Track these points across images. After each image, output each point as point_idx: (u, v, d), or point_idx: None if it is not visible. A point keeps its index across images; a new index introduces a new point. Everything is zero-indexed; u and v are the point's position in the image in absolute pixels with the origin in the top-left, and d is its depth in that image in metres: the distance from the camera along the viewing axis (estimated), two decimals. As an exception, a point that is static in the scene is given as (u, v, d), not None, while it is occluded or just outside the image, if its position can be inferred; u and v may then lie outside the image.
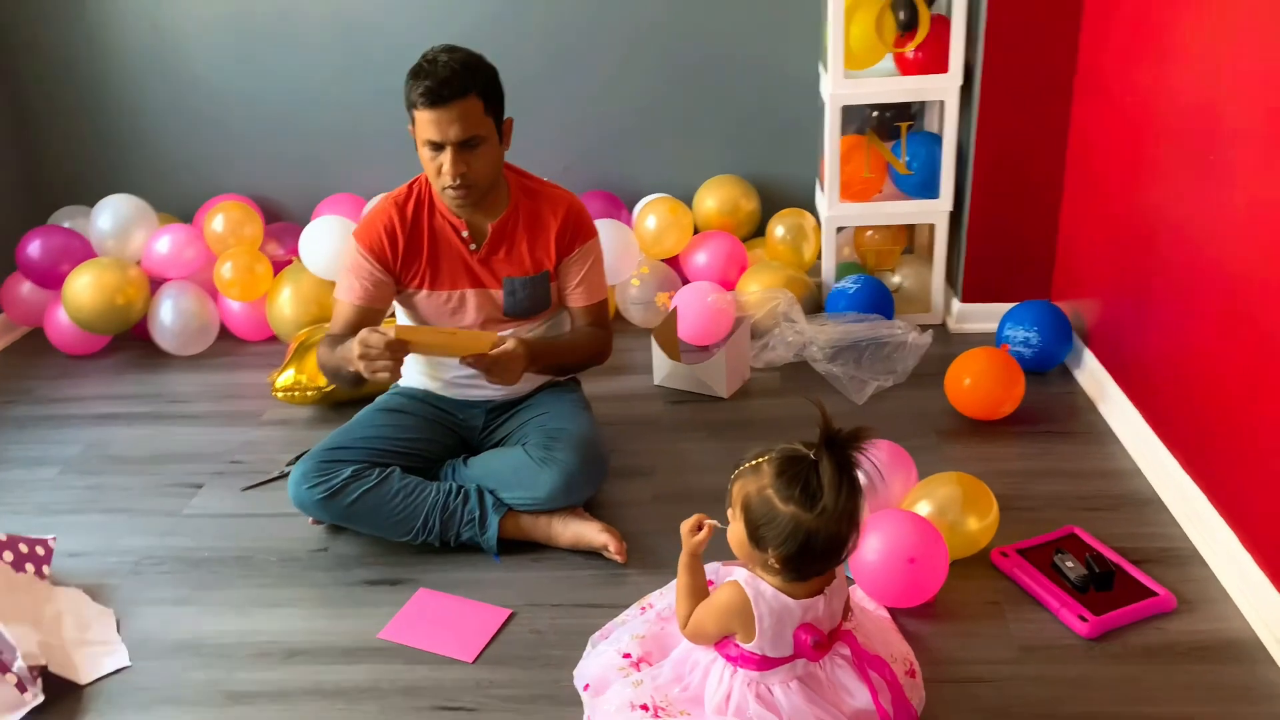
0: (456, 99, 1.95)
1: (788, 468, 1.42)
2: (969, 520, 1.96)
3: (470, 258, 2.14)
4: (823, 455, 1.39)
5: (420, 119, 1.98)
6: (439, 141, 1.99)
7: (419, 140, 2.02)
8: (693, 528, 1.59)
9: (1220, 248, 1.98)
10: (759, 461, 1.45)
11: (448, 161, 2.00)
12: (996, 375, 2.45)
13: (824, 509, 1.39)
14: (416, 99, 1.96)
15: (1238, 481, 1.92)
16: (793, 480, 1.41)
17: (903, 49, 2.82)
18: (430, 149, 2.01)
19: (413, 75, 1.97)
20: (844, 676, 1.53)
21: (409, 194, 2.16)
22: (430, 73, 1.95)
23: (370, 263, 2.13)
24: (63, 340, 3.17)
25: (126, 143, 3.43)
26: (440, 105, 1.95)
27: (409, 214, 2.14)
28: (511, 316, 2.21)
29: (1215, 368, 2.00)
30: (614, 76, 3.26)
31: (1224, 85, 1.94)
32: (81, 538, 2.27)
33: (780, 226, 3.16)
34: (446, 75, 1.95)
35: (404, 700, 1.77)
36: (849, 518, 1.42)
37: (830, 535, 1.41)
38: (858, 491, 1.42)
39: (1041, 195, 2.81)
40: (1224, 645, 1.77)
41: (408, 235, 2.14)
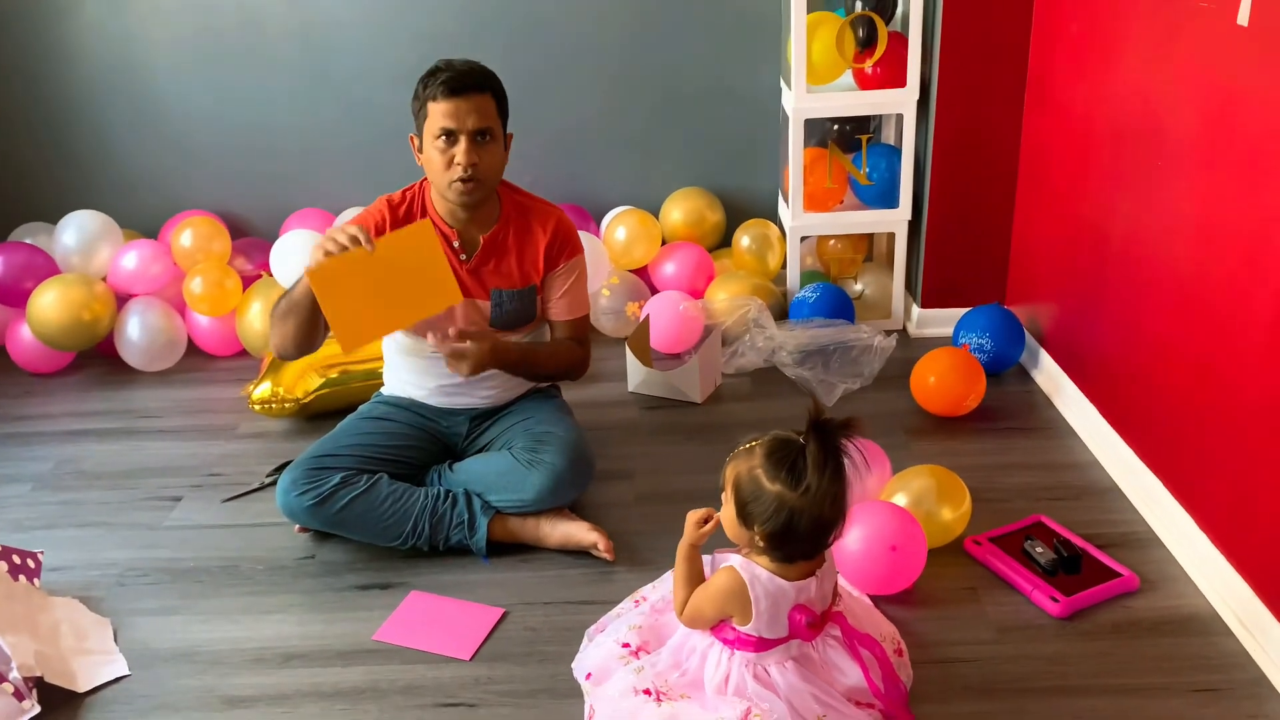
0: (475, 92, 2.04)
1: (777, 449, 1.50)
2: (944, 510, 2.05)
3: (460, 267, 2.17)
4: (810, 439, 1.47)
5: (436, 110, 2.03)
6: (455, 129, 2.03)
7: (429, 134, 2.05)
8: (700, 519, 1.64)
9: (1166, 248, 2.10)
10: (752, 445, 1.53)
11: (461, 151, 2.04)
12: (959, 372, 2.56)
13: (808, 489, 1.46)
14: (435, 91, 2.02)
15: (1191, 467, 2.03)
16: (780, 461, 1.48)
17: (862, 65, 2.93)
18: (444, 140, 2.04)
19: (430, 74, 2.05)
20: (836, 656, 1.60)
21: (403, 199, 2.19)
22: (450, 66, 2.05)
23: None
24: (25, 358, 3.13)
25: (90, 159, 3.41)
26: (460, 95, 2.02)
27: (401, 216, 2.16)
28: (497, 327, 2.24)
29: (1165, 361, 2.12)
30: (581, 91, 3.32)
31: (1165, 95, 2.07)
32: (62, 553, 2.25)
33: (746, 237, 3.25)
34: (466, 70, 2.05)
35: (404, 699, 1.79)
36: (833, 500, 1.49)
37: (814, 517, 1.48)
38: (843, 476, 1.49)
39: (996, 203, 2.93)
40: (1185, 620, 1.88)
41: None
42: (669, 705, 1.56)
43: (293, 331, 2.06)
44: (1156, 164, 2.12)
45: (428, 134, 2.06)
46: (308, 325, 2.06)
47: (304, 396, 2.69)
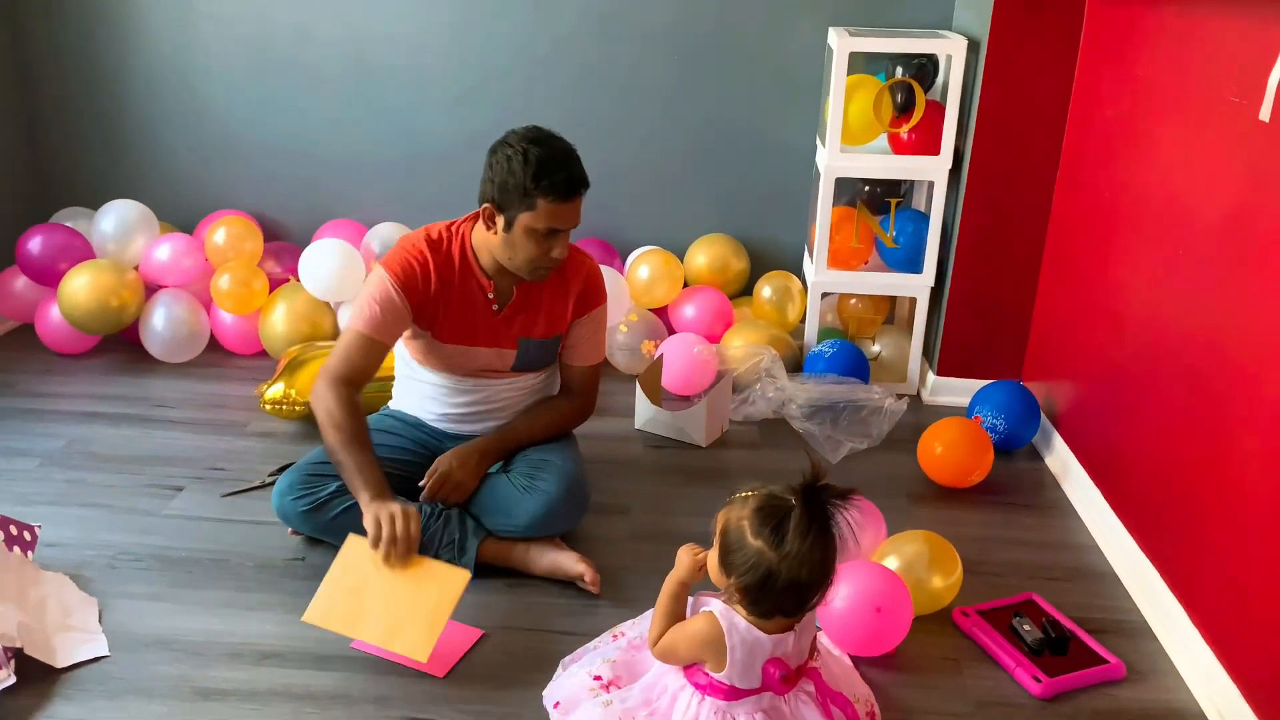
0: (584, 190, 2.05)
1: (766, 506, 1.50)
2: (934, 578, 2.03)
3: (493, 318, 2.18)
4: (799, 502, 1.47)
5: (548, 210, 2.00)
6: (561, 229, 2.04)
7: (527, 225, 2.01)
8: (696, 563, 1.62)
9: (1179, 339, 2.10)
10: (747, 495, 1.53)
11: (561, 246, 2.06)
12: (968, 444, 2.55)
13: (788, 553, 1.45)
14: (552, 193, 1.98)
15: (1189, 561, 2.01)
16: (767, 519, 1.48)
17: (898, 129, 2.96)
18: (544, 235, 2.03)
19: (542, 168, 1.98)
20: (807, 712, 1.59)
21: (441, 242, 2.16)
22: (564, 167, 2.00)
23: (396, 292, 2.10)
24: (52, 338, 3.19)
25: (136, 150, 3.50)
26: (572, 199, 2.02)
27: (441, 259, 2.14)
28: (518, 371, 2.27)
29: (1172, 452, 2.10)
30: (620, 129, 3.38)
31: (1191, 187, 2.07)
32: (59, 529, 2.28)
33: (768, 287, 3.27)
34: (579, 171, 2.03)
35: (374, 709, 1.79)
36: (813, 567, 1.47)
37: (791, 579, 1.47)
38: (828, 544, 1.48)
39: (1019, 279, 2.93)
40: (1169, 714, 1.85)
41: (438, 278, 2.13)
42: (633, 743, 1.55)
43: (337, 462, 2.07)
44: (1178, 254, 2.12)
45: (524, 223, 2.02)
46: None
47: (315, 401, 2.72)
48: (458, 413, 2.28)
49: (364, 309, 2.12)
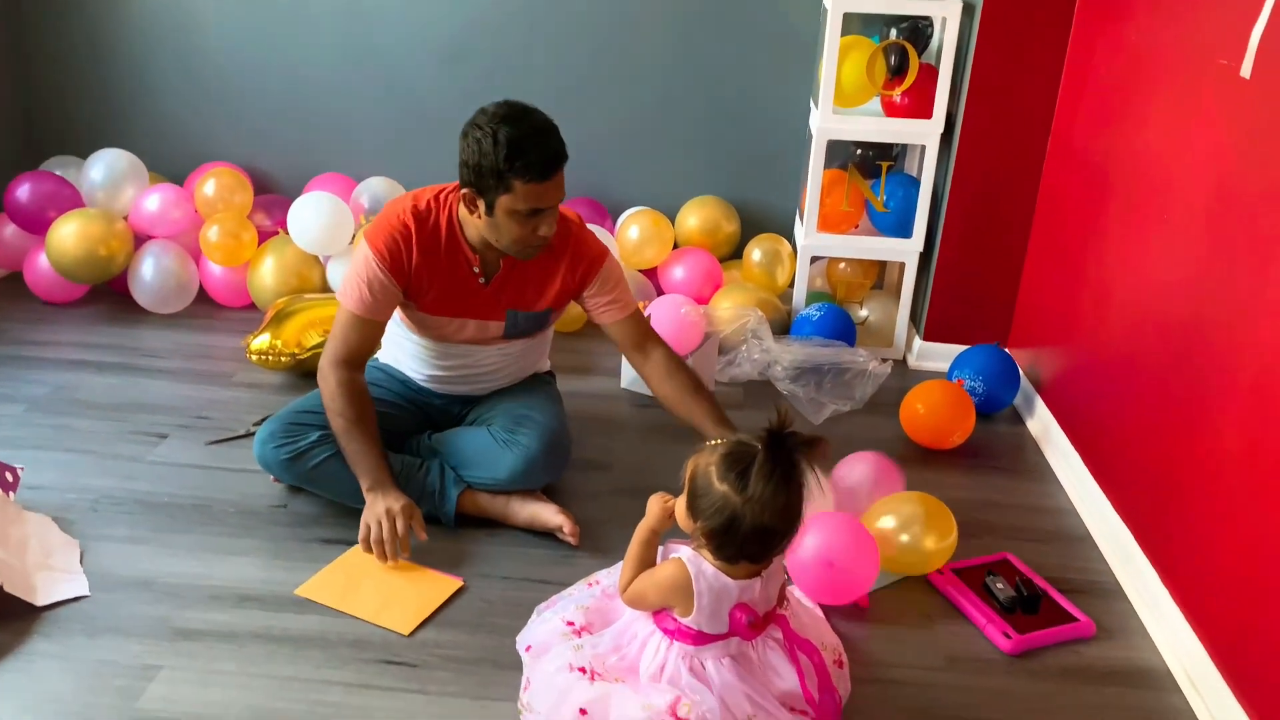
0: (561, 166, 1.96)
1: (733, 452, 1.52)
2: (928, 540, 2.04)
3: (479, 290, 2.14)
4: (764, 448, 1.48)
5: (526, 192, 1.92)
6: (544, 208, 1.97)
7: (508, 208, 1.95)
8: (666, 510, 1.65)
9: (1160, 306, 2.10)
10: (717, 442, 1.54)
11: (547, 224, 1.99)
12: (950, 406, 2.56)
13: (751, 496, 1.47)
14: (526, 174, 1.91)
15: (1162, 524, 2.03)
16: (733, 464, 1.50)
17: (890, 92, 2.94)
18: (526, 216, 1.97)
19: (514, 149, 1.89)
20: (775, 659, 1.61)
21: (427, 212, 2.09)
22: (538, 146, 1.92)
23: (383, 272, 2.06)
24: (41, 286, 3.19)
25: (127, 100, 3.48)
26: (550, 178, 1.94)
27: (427, 233, 2.08)
28: (508, 339, 2.25)
29: (1150, 418, 2.11)
30: (614, 90, 3.36)
31: (1178, 152, 2.07)
32: (42, 473, 2.29)
33: (757, 250, 3.26)
34: (557, 148, 1.94)
35: (350, 652, 1.82)
36: (776, 512, 1.49)
37: (755, 524, 1.49)
38: (792, 490, 1.50)
39: (1008, 245, 2.93)
40: (1136, 672, 1.87)
41: (423, 253, 2.08)
42: (601, 685, 1.57)
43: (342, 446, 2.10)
44: (1163, 222, 2.12)
45: (505, 207, 1.95)
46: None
47: (301, 352, 2.73)
48: (444, 375, 2.28)
49: (353, 290, 2.09)
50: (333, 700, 1.70)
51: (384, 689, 1.73)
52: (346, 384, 2.10)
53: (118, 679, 1.72)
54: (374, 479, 2.03)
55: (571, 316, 3.14)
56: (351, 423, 2.07)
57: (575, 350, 3.07)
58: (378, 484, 2.03)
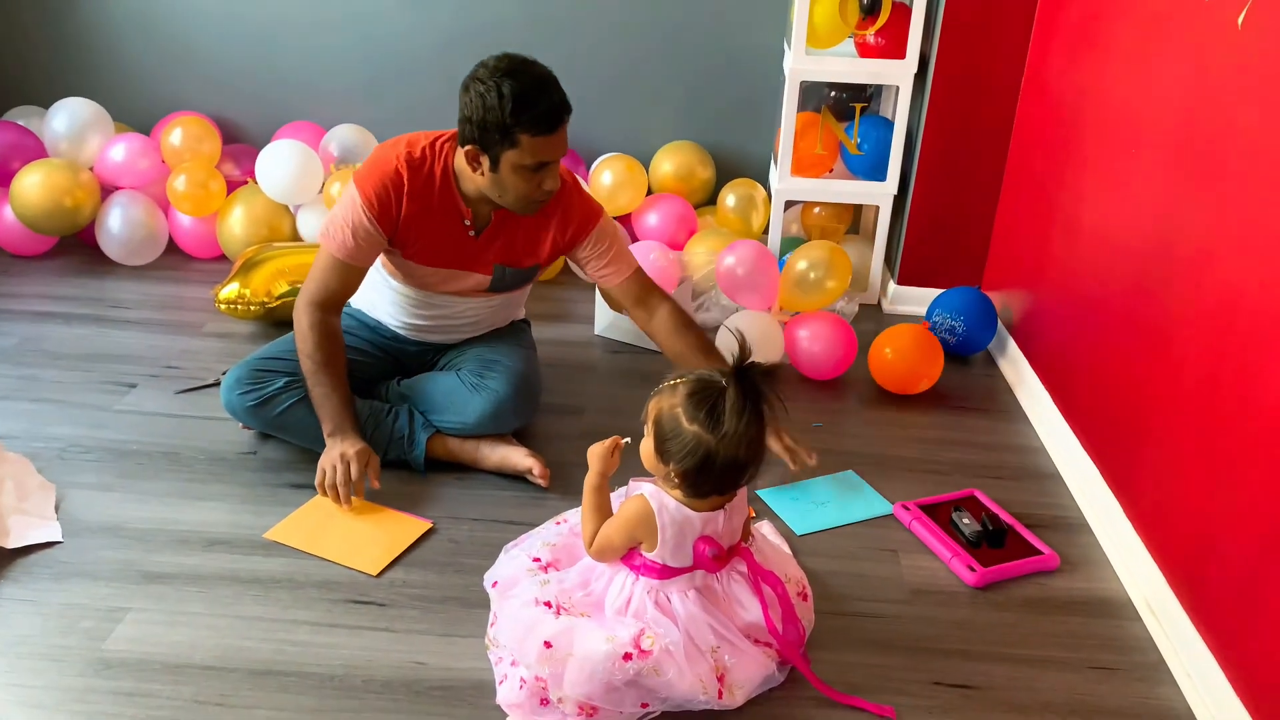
0: (567, 119, 1.93)
1: (698, 391, 1.51)
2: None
3: (469, 242, 2.12)
4: (731, 383, 1.48)
5: (533, 145, 1.89)
6: (550, 161, 1.95)
7: (514, 162, 1.91)
8: (606, 451, 1.66)
9: (1126, 242, 2.10)
10: (676, 383, 1.54)
11: (551, 178, 1.97)
12: (918, 351, 2.56)
13: (725, 433, 1.47)
14: (534, 127, 1.88)
15: (1126, 457, 2.04)
16: (700, 403, 1.50)
17: (863, 32, 2.91)
18: (532, 170, 1.94)
19: (520, 102, 1.86)
20: (739, 591, 1.62)
21: (421, 161, 2.04)
22: (543, 98, 1.89)
23: (369, 220, 2.03)
24: (7, 238, 3.15)
25: (90, 48, 3.41)
26: (556, 130, 1.91)
27: (420, 183, 2.03)
28: (494, 292, 2.23)
29: (1115, 354, 2.12)
30: (586, 35, 3.31)
31: (1148, 89, 2.05)
32: (9, 422, 2.28)
33: (731, 196, 3.24)
34: (560, 100, 1.91)
35: (317, 592, 1.82)
36: (749, 444, 1.50)
37: (729, 458, 1.50)
38: (760, 421, 1.51)
39: (982, 187, 2.92)
40: (1098, 602, 1.90)
41: (414, 203, 2.04)
42: (566, 619, 1.58)
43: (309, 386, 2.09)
44: (1131, 155, 2.11)
45: (511, 161, 1.92)
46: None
47: (270, 300, 2.71)
48: (423, 324, 2.27)
49: (337, 233, 2.05)
50: (300, 639, 1.71)
51: (351, 628, 1.74)
52: (319, 325, 2.08)
53: (85, 621, 1.73)
54: (335, 424, 2.03)
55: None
56: (320, 365, 2.06)
57: (550, 298, 3.07)
58: (338, 429, 2.03)
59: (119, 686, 1.60)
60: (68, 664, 1.64)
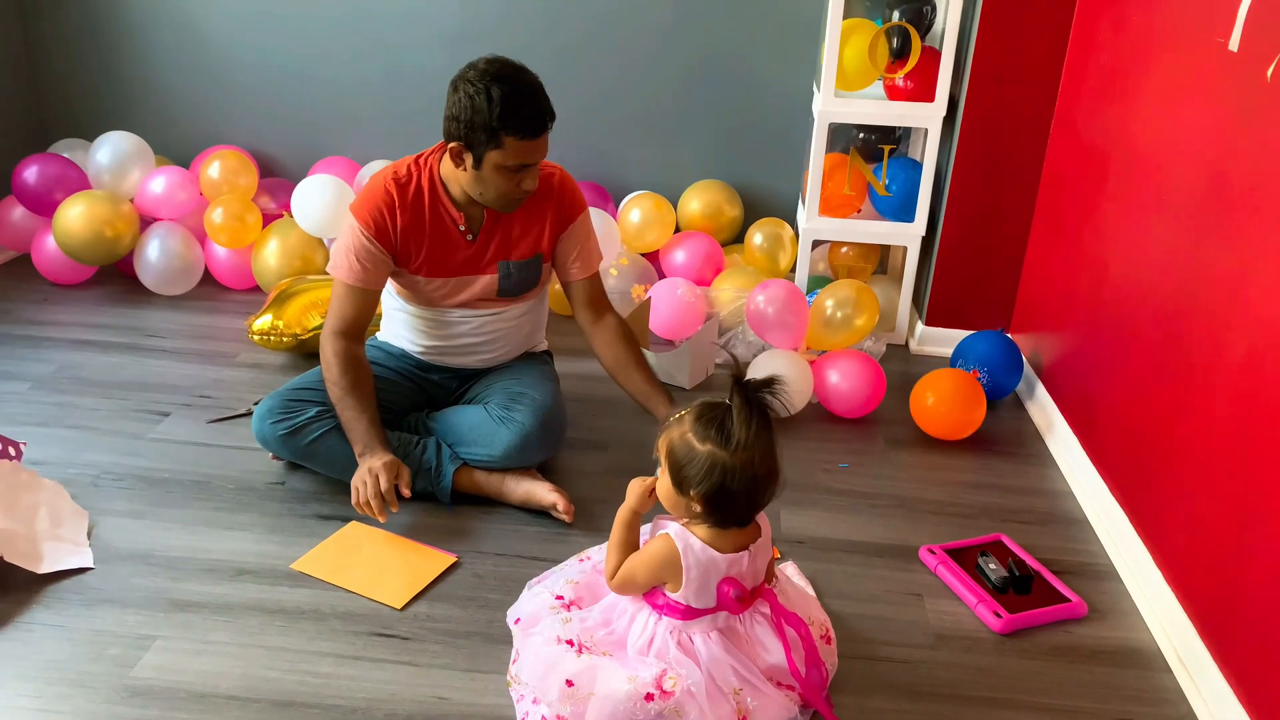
0: (550, 126, 2.02)
1: (705, 413, 1.53)
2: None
3: (467, 247, 2.18)
4: (734, 396, 1.49)
5: (516, 147, 1.98)
6: (531, 164, 2.03)
7: (496, 163, 2.00)
8: (645, 490, 1.66)
9: (1154, 287, 2.09)
10: (682, 414, 1.55)
11: (531, 178, 2.06)
12: (962, 398, 2.53)
13: (737, 445, 1.49)
14: (517, 130, 1.96)
15: (1155, 504, 2.02)
16: (709, 422, 1.51)
17: (893, 75, 2.93)
18: (513, 171, 2.02)
19: (508, 107, 1.94)
20: (762, 633, 1.61)
21: (410, 177, 2.13)
22: (529, 103, 1.97)
23: (370, 241, 2.11)
24: (49, 268, 3.22)
25: (134, 84, 3.50)
26: (540, 135, 2.00)
27: (410, 197, 2.12)
28: (504, 297, 2.26)
29: (1144, 399, 2.10)
30: (616, 74, 3.36)
31: (1175, 134, 2.05)
32: (46, 449, 2.32)
33: (759, 234, 3.26)
34: (545, 106, 2.00)
35: (341, 624, 1.83)
36: (762, 456, 1.51)
37: (747, 474, 1.50)
38: (769, 430, 1.52)
39: (1011, 229, 2.92)
40: (1127, 652, 1.87)
41: (407, 218, 2.12)
42: (588, 657, 1.58)
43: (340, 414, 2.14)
44: (1160, 204, 2.10)
45: (493, 161, 2.00)
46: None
47: (302, 333, 2.74)
48: (443, 345, 2.30)
49: (343, 261, 2.14)
50: (324, 671, 1.72)
51: (374, 660, 1.75)
52: (343, 353, 2.13)
53: (113, 648, 1.75)
54: (364, 443, 2.06)
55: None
56: (346, 390, 2.10)
57: (574, 332, 3.04)
58: (367, 448, 2.06)
59: (144, 715, 1.61)
60: (95, 690, 1.65)
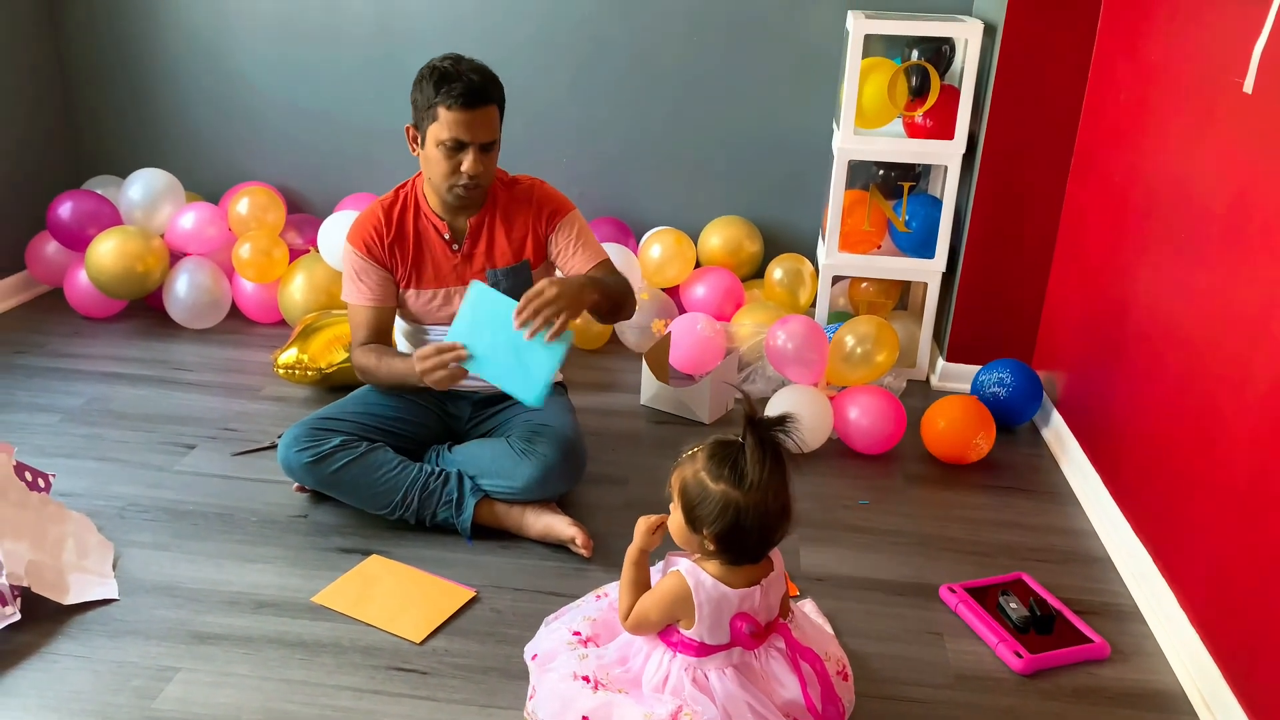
0: (488, 103, 2.11)
1: (717, 451, 1.54)
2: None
3: (453, 257, 2.27)
4: (747, 435, 1.50)
5: (448, 119, 2.08)
6: (466, 141, 2.11)
7: (434, 137, 2.11)
8: (651, 527, 1.67)
9: (1176, 325, 2.08)
10: (695, 451, 1.56)
11: (469, 160, 2.12)
12: (970, 417, 2.55)
13: (751, 485, 1.49)
14: (449, 101, 2.07)
15: (1179, 544, 2.00)
16: (722, 461, 1.52)
17: (912, 113, 2.95)
18: (450, 148, 2.12)
19: (441, 78, 2.09)
20: (778, 668, 1.61)
21: (395, 198, 2.28)
22: (462, 76, 2.08)
23: (368, 261, 2.25)
24: (80, 302, 3.29)
25: (166, 123, 3.58)
26: (474, 108, 2.08)
27: (394, 217, 2.26)
28: None
29: (1166, 438, 2.09)
30: (638, 109, 3.40)
31: (1195, 171, 2.06)
32: (74, 480, 2.36)
33: (779, 269, 3.28)
34: (481, 82, 2.09)
35: (361, 658, 1.84)
36: (775, 494, 1.51)
37: (760, 513, 1.50)
38: (783, 470, 1.52)
39: (1031, 265, 2.92)
40: (1151, 695, 1.84)
41: (393, 236, 2.25)
42: (604, 694, 1.58)
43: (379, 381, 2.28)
44: (1180, 241, 2.10)
45: (433, 136, 2.12)
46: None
47: (327, 367, 2.78)
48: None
49: (351, 286, 2.29)
50: (343, 705, 1.73)
51: (393, 695, 1.76)
52: (370, 349, 2.27)
53: (136, 679, 1.77)
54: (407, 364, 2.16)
55: (594, 334, 3.18)
56: (380, 357, 2.23)
57: (595, 366, 3.11)
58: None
59: (165, 746, 1.63)
60: (117, 722, 1.67)
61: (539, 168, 3.02)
